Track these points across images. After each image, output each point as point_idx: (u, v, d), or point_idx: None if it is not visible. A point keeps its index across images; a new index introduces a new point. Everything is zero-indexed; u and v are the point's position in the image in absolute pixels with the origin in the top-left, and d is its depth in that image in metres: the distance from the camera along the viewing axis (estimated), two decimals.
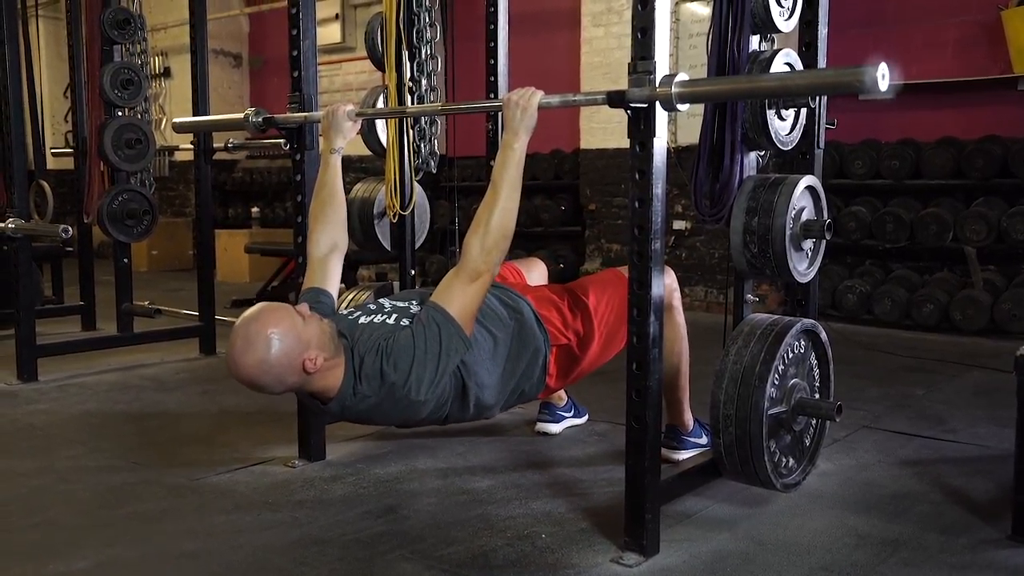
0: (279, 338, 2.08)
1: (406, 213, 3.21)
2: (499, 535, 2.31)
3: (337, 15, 8.59)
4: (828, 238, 2.48)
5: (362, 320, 2.30)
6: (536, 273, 3.02)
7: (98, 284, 5.47)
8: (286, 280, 6.69)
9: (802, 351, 2.49)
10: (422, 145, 3.20)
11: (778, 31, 2.49)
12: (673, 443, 2.85)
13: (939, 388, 3.92)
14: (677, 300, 2.78)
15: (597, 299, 2.66)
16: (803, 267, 2.51)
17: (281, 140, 2.99)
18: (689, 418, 2.88)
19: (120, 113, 4.50)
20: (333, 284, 2.53)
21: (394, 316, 2.30)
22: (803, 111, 2.59)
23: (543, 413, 3.24)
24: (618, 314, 2.63)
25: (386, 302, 2.40)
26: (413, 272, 3.38)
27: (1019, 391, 2.25)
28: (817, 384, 2.59)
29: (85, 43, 4.70)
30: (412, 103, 3.13)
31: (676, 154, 6.08)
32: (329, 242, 2.56)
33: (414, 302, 2.37)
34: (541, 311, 2.56)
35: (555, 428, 3.22)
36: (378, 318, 2.30)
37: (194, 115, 4.60)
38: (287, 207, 9.10)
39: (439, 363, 2.17)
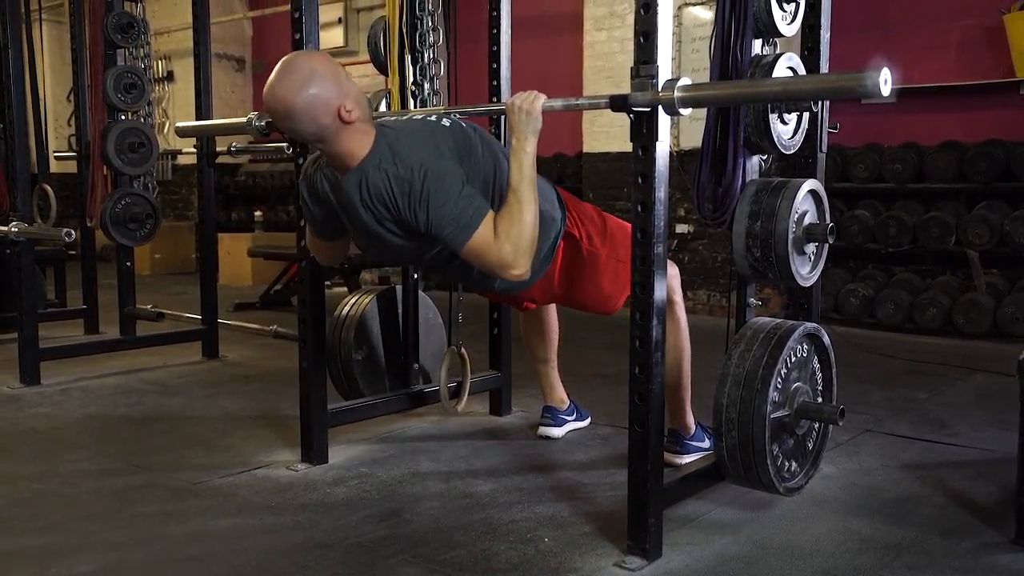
0: (321, 75, 2.15)
1: None
2: (502, 539, 2.31)
3: (340, 19, 8.61)
4: (831, 242, 2.48)
5: (393, 119, 2.43)
6: None
7: (101, 288, 5.48)
8: (289, 284, 6.70)
9: (805, 355, 2.49)
10: None
11: (780, 35, 2.49)
12: (675, 447, 2.85)
13: (942, 392, 3.92)
14: (678, 296, 2.78)
15: (615, 229, 2.73)
16: (805, 271, 2.51)
17: (284, 144, 2.99)
18: (691, 422, 2.88)
19: (123, 117, 4.51)
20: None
21: (433, 116, 2.41)
22: (805, 115, 2.58)
23: (545, 417, 3.24)
24: (625, 263, 2.62)
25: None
26: (416, 275, 3.39)
27: (1022, 395, 2.25)
28: (820, 388, 2.59)
29: (88, 47, 4.70)
30: (415, 107, 3.14)
31: (679, 158, 6.08)
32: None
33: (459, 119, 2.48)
34: (563, 195, 2.67)
35: (558, 432, 3.22)
36: (416, 117, 2.44)
37: (197, 119, 4.61)
38: (290, 211, 9.10)
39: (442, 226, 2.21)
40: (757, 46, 2.48)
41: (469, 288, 2.97)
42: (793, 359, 2.42)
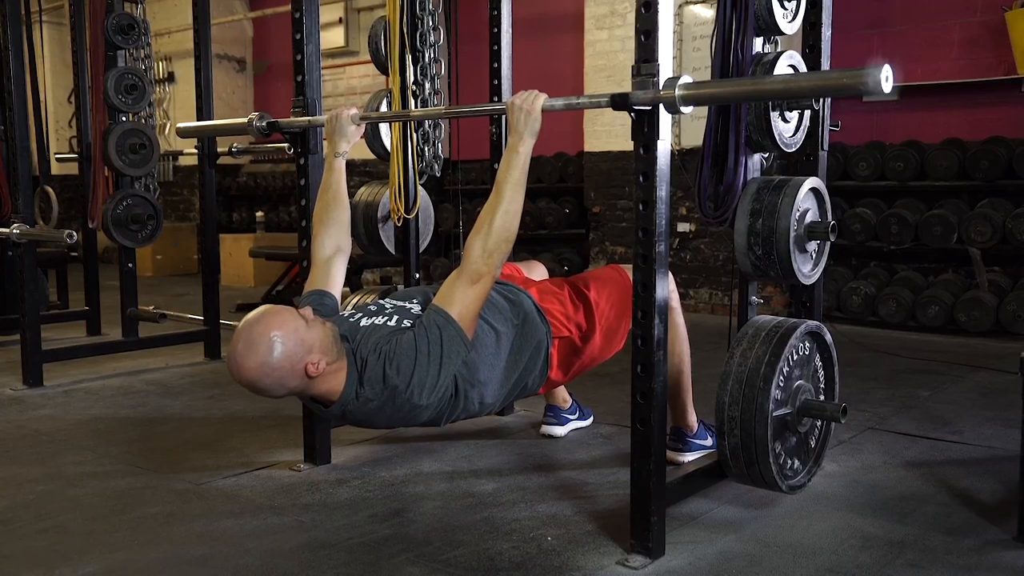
0: (282, 341, 2.07)
1: (410, 217, 3.22)
2: (505, 538, 2.31)
3: (341, 19, 8.61)
4: (832, 240, 2.48)
5: (364, 322, 2.30)
6: (536, 275, 3.03)
7: (103, 289, 5.49)
8: (291, 284, 6.70)
9: (807, 353, 2.49)
10: (426, 149, 3.21)
11: (782, 33, 2.49)
12: (678, 445, 2.85)
13: (944, 389, 3.92)
14: (676, 301, 2.78)
15: (598, 294, 2.67)
16: (807, 269, 2.51)
17: (285, 144, 3.00)
18: (694, 420, 2.88)
19: (124, 118, 4.51)
20: (336, 286, 2.54)
21: (395, 317, 2.30)
22: (807, 113, 2.58)
23: (548, 416, 3.24)
24: (618, 311, 2.64)
25: (387, 302, 2.40)
26: (418, 275, 3.39)
27: None
28: (822, 386, 2.59)
29: (89, 48, 4.71)
30: (416, 107, 3.14)
31: (680, 156, 6.08)
32: (333, 244, 2.57)
33: (415, 300, 2.38)
34: (543, 304, 2.57)
35: (560, 431, 3.22)
36: (379, 319, 2.30)
37: (198, 120, 4.61)
38: (291, 211, 9.12)
39: (441, 367, 2.17)
40: (758, 44, 2.48)
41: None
42: (795, 357, 2.42)
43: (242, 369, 2.07)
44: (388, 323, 2.29)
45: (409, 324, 2.26)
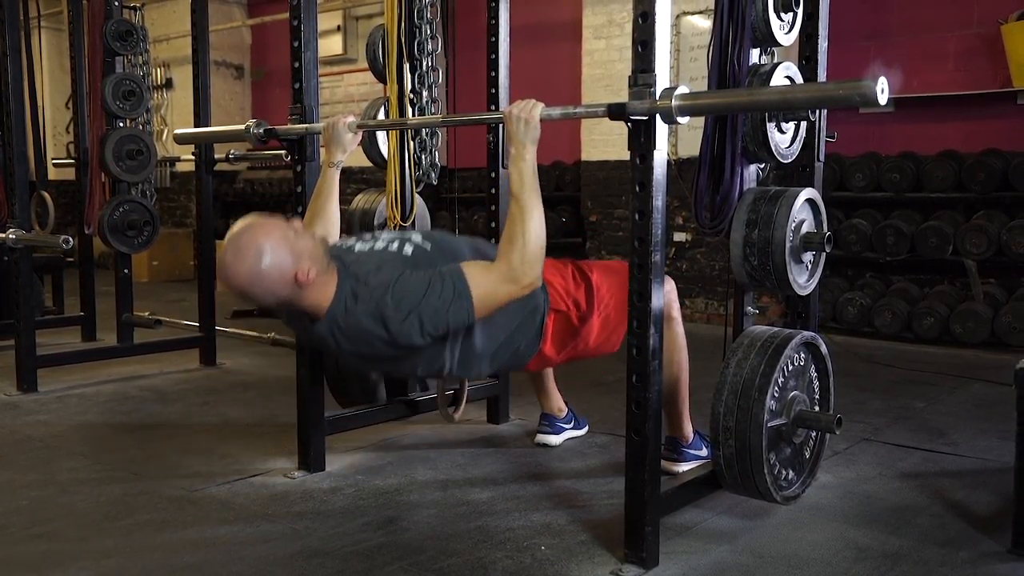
0: (271, 248, 2.11)
1: (407, 224, 3.21)
2: (499, 547, 2.30)
3: (339, 27, 8.62)
4: (828, 250, 2.49)
5: (358, 247, 2.35)
6: None
7: (99, 295, 5.47)
8: None
9: (802, 363, 2.49)
10: (423, 156, 3.21)
11: (778, 44, 2.50)
12: (673, 455, 2.85)
13: (940, 401, 3.92)
14: (676, 311, 2.78)
15: (601, 280, 2.69)
16: (803, 279, 2.52)
17: (282, 151, 3.00)
18: (689, 430, 2.88)
19: (122, 124, 4.51)
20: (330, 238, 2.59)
21: (396, 242, 2.35)
22: (803, 124, 2.59)
23: (543, 425, 3.24)
24: (619, 303, 2.64)
25: (381, 232, 2.43)
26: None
27: (1019, 404, 2.25)
28: (817, 396, 2.59)
29: (87, 54, 4.70)
30: (413, 115, 3.14)
31: (677, 166, 6.09)
32: (321, 231, 2.61)
33: (418, 236, 2.43)
34: (545, 274, 2.58)
35: (555, 440, 3.22)
36: (378, 244, 2.35)
37: (196, 126, 4.61)
38: (288, 218, 9.10)
39: (437, 321, 2.20)
40: (755, 55, 2.49)
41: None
42: (790, 368, 2.42)
43: (233, 276, 2.11)
44: (389, 248, 2.34)
45: (411, 250, 2.33)
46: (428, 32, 3.14)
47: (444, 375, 2.50)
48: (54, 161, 5.96)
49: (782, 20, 2.48)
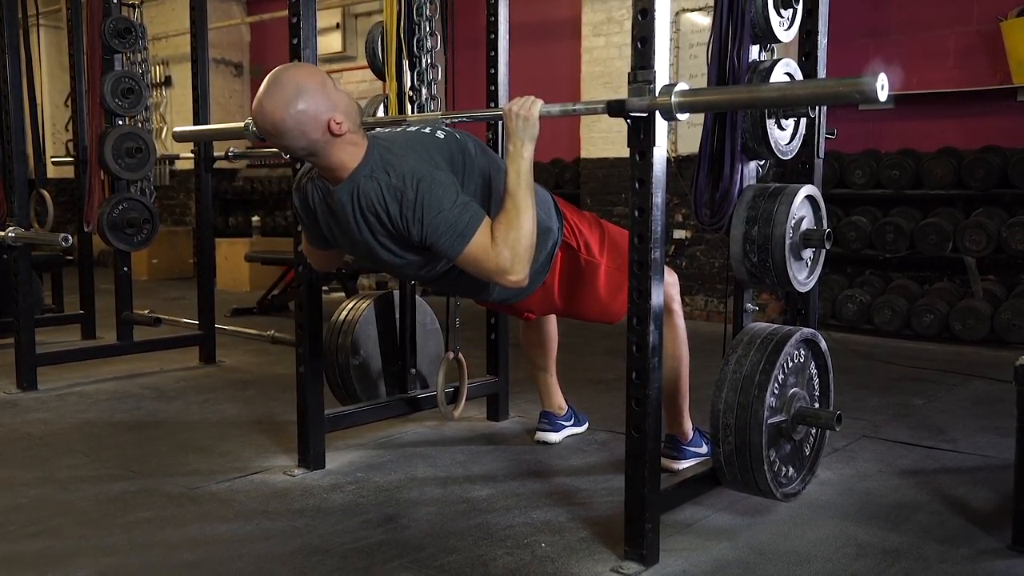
0: (311, 89, 2.15)
1: None
2: (499, 544, 2.30)
3: (338, 24, 8.62)
4: (828, 247, 2.49)
5: (385, 131, 2.42)
6: None
7: (98, 293, 5.47)
8: (287, 288, 6.69)
9: (802, 360, 2.49)
10: None
11: (778, 41, 2.50)
12: (673, 452, 2.85)
13: (939, 398, 3.92)
14: (677, 303, 2.78)
15: (615, 235, 2.73)
16: (803, 276, 2.52)
17: None
18: (689, 427, 2.88)
19: (121, 122, 4.50)
20: None
21: (426, 128, 2.40)
22: (803, 121, 2.59)
23: (543, 422, 3.24)
24: (622, 267, 2.62)
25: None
26: (414, 281, 3.39)
27: (1019, 401, 2.25)
28: (817, 393, 2.59)
29: (86, 52, 4.70)
30: (412, 112, 3.14)
31: (676, 163, 6.09)
32: None
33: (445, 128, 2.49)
34: (563, 208, 2.66)
35: (555, 437, 3.22)
36: (411, 128, 2.42)
37: (195, 124, 4.60)
38: (287, 216, 9.10)
39: (435, 234, 2.21)
40: (754, 52, 2.49)
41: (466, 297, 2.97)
42: (790, 365, 2.42)
43: (269, 111, 2.14)
44: (422, 129, 2.40)
45: (443, 135, 2.40)
46: (427, 29, 3.14)
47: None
48: (53, 159, 5.95)
49: (782, 17, 2.48)
